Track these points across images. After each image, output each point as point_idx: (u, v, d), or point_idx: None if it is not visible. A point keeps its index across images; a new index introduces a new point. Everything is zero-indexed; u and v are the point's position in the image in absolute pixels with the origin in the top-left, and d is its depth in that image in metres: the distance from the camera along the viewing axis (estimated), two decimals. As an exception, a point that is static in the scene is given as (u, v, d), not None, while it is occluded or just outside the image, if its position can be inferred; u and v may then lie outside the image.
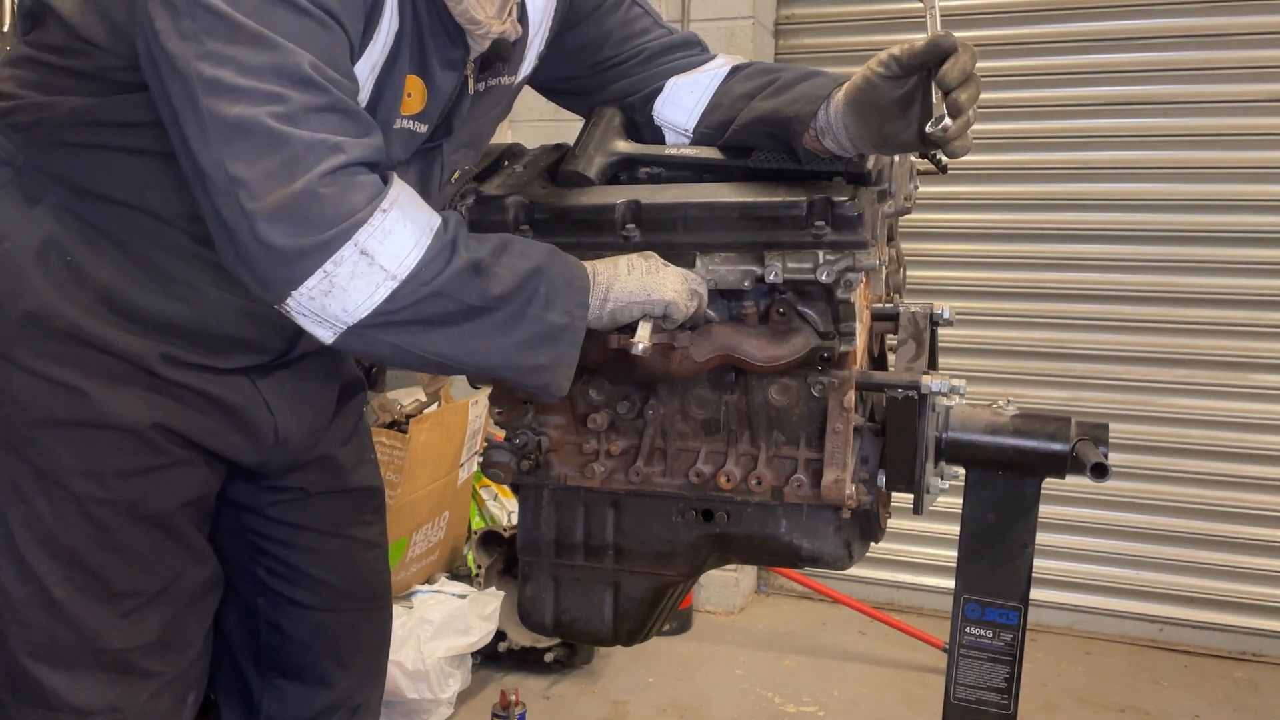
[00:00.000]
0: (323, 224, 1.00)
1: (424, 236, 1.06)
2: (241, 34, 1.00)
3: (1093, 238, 3.21)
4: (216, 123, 1.00)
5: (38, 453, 1.23)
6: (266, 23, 1.00)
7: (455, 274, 1.08)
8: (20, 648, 1.27)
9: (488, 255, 1.11)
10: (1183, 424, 3.19)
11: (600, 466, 1.39)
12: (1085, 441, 1.26)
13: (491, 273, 1.10)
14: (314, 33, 1.03)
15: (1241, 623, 3.20)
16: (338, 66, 1.06)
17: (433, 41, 1.20)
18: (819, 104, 1.23)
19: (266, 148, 0.99)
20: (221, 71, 0.99)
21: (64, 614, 1.25)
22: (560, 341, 1.15)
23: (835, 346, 1.27)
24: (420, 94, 1.22)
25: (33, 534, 1.24)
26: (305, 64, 1.01)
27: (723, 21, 3.22)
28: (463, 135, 1.31)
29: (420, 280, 1.05)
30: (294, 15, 1.02)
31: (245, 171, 0.99)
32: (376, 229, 1.02)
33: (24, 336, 1.21)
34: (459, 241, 1.09)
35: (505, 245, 1.14)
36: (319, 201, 1.00)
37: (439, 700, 2.56)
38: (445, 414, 2.99)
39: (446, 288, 1.07)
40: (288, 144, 0.99)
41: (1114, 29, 3.12)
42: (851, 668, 3.10)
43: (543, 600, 1.49)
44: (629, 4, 1.45)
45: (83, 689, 1.27)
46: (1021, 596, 1.31)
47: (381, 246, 1.03)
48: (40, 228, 1.21)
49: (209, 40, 1.00)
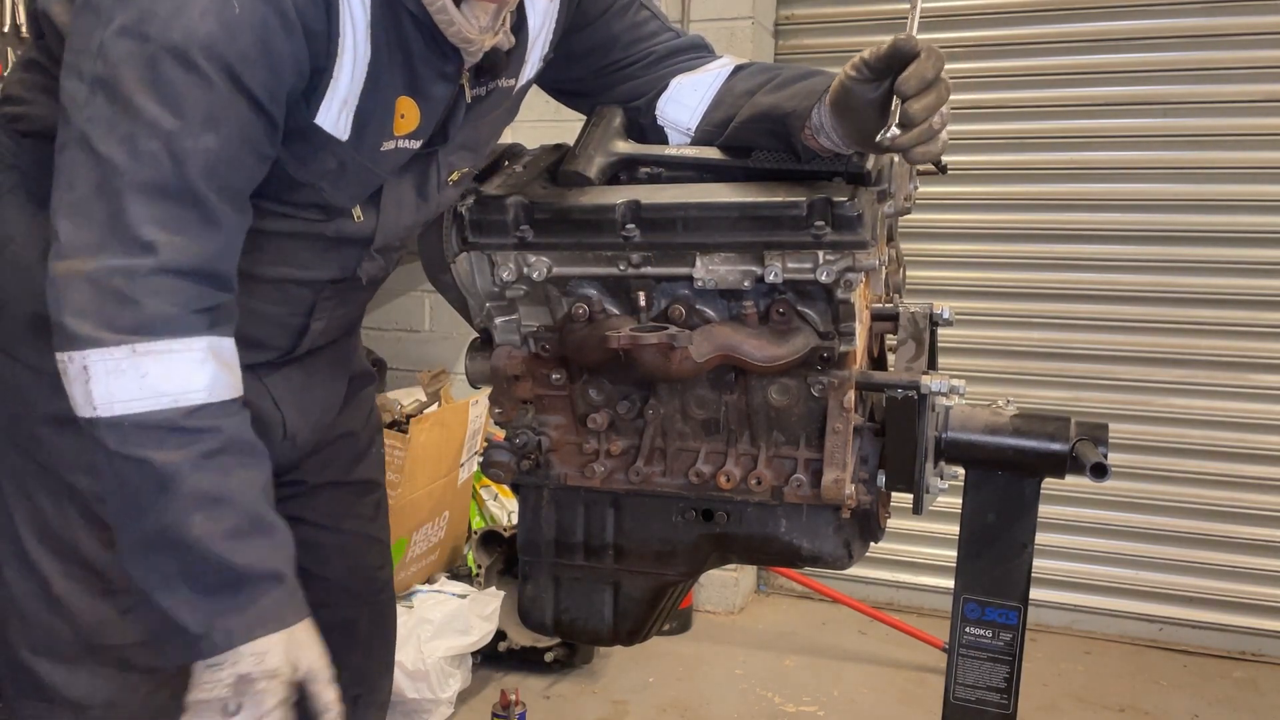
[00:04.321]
0: (89, 319, 1.01)
1: (164, 396, 1.02)
2: (123, 101, 0.99)
3: (1092, 238, 3.21)
4: (69, 175, 1.01)
5: (41, 449, 1.25)
6: (154, 94, 0.99)
7: (154, 465, 1.02)
8: (20, 642, 1.28)
9: (207, 488, 1.04)
10: (1183, 424, 3.19)
11: (600, 466, 1.39)
12: (1085, 441, 1.26)
13: (184, 506, 1.03)
14: (207, 105, 1.01)
15: (1241, 623, 3.20)
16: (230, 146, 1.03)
17: (422, 62, 1.18)
18: (815, 100, 1.23)
19: (99, 215, 1.00)
20: (91, 127, 1.00)
21: (64, 609, 1.27)
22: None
23: (835, 346, 1.27)
24: (413, 113, 1.21)
25: (35, 529, 1.26)
26: (177, 151, 0.99)
27: (723, 22, 3.22)
28: (459, 139, 1.31)
29: (128, 431, 1.03)
30: (199, 90, 1.00)
31: (73, 230, 1.02)
32: (106, 359, 1.01)
33: (31, 337, 1.22)
34: (198, 440, 1.04)
35: (226, 511, 1.05)
36: (114, 303, 1.00)
37: (439, 700, 2.56)
38: (445, 414, 2.99)
39: (139, 468, 1.03)
40: (122, 221, 1.00)
41: (1114, 29, 3.12)
42: (851, 668, 3.10)
43: (543, 600, 1.49)
44: (637, 7, 1.44)
45: (81, 684, 1.29)
46: (1021, 596, 1.31)
47: (100, 382, 1.01)
48: (43, 230, 1.21)
49: (99, 92, 1.00)
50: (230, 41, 1.00)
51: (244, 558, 1.05)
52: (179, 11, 0.98)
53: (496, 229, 1.31)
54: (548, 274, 1.31)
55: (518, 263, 1.31)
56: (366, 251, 1.32)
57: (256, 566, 1.06)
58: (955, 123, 1.08)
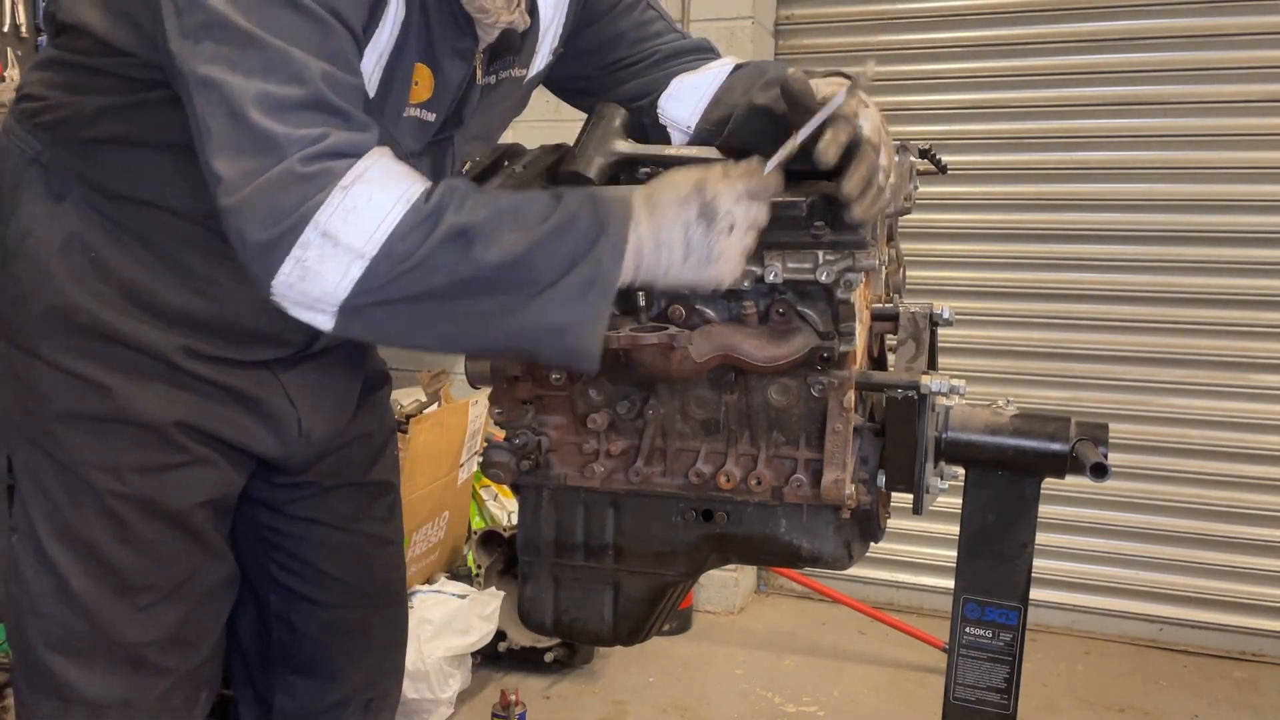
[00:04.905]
0: (285, 212, 0.97)
1: (397, 207, 0.98)
2: (233, 33, 1.00)
3: (1092, 238, 3.21)
4: (205, 119, 1.00)
5: (58, 446, 1.26)
6: (259, 21, 1.00)
7: (438, 245, 0.99)
8: (37, 638, 1.29)
9: (484, 220, 1.00)
10: (1183, 424, 3.19)
11: (600, 466, 1.39)
12: (1085, 441, 1.25)
13: (488, 239, 0.99)
14: (309, 30, 1.03)
15: (1241, 623, 3.20)
16: (336, 61, 1.04)
17: (440, 30, 1.20)
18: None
19: (247, 145, 0.98)
20: (212, 69, 0.99)
21: (81, 606, 1.28)
22: (583, 300, 1.02)
23: (835, 346, 1.27)
24: (427, 81, 1.22)
25: (53, 526, 1.27)
26: (295, 61, 0.99)
27: (723, 22, 3.22)
28: (474, 127, 1.32)
29: (396, 256, 0.98)
30: (290, 13, 1.02)
31: (226, 169, 0.98)
32: (337, 208, 0.97)
33: (48, 331, 1.23)
34: (445, 209, 1.00)
35: (517, 207, 1.03)
36: (284, 190, 0.97)
37: (439, 700, 2.56)
38: (445, 414, 2.99)
39: (430, 260, 0.98)
40: (268, 140, 0.97)
41: (1113, 29, 3.12)
42: (851, 668, 3.10)
43: (543, 600, 1.49)
44: (643, 6, 1.46)
45: (96, 681, 1.29)
46: (1021, 596, 1.31)
47: (345, 225, 0.97)
48: (64, 224, 1.23)
49: (205, 38, 1.00)
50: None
51: (564, 218, 1.02)
52: None
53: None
54: (548, 274, 1.30)
55: (518, 262, 1.31)
56: None
57: (580, 215, 1.03)
58: (955, 123, 1.08)
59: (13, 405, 1.29)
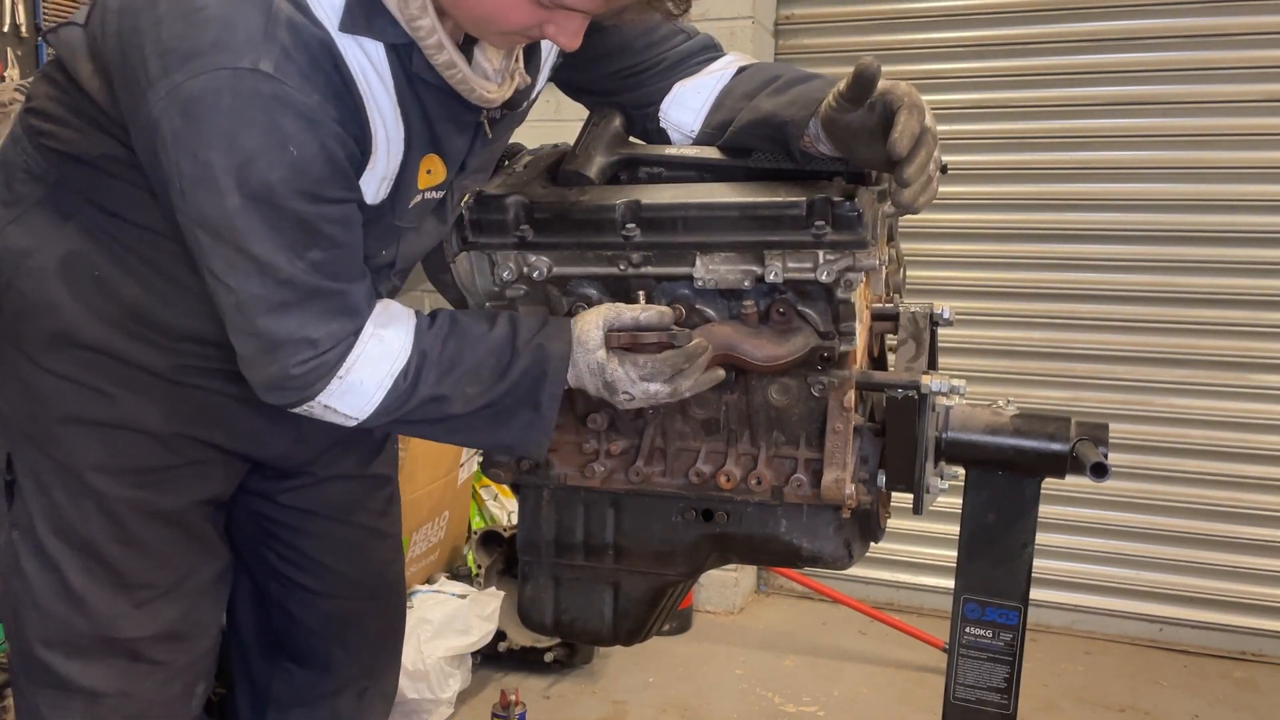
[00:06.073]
0: (291, 395, 1.19)
1: (384, 382, 1.21)
2: (225, 239, 1.09)
3: (1093, 238, 3.21)
4: (215, 289, 1.14)
5: (59, 448, 1.28)
6: (244, 230, 1.08)
7: (415, 407, 1.23)
8: (35, 635, 1.32)
9: (450, 386, 1.23)
10: (1183, 424, 3.19)
11: (600, 466, 1.39)
12: (1085, 441, 1.26)
13: (453, 400, 1.23)
14: (293, 229, 1.10)
15: (1241, 623, 3.20)
16: (327, 247, 1.14)
17: (442, 122, 1.22)
18: (812, 110, 1.23)
19: (251, 339, 1.15)
20: (213, 263, 1.11)
21: (80, 603, 1.31)
22: (527, 431, 1.28)
23: (835, 346, 1.27)
24: (439, 168, 1.25)
25: (53, 525, 1.30)
26: (282, 270, 1.10)
27: (723, 21, 3.22)
28: (474, 165, 1.32)
29: (384, 414, 1.23)
30: (273, 218, 1.09)
31: (237, 345, 1.17)
32: (334, 392, 1.19)
33: (51, 346, 1.26)
34: (420, 381, 1.22)
35: (478, 366, 1.24)
36: (287, 385, 1.18)
37: (439, 700, 2.56)
38: (445, 414, 2.98)
39: (410, 415, 1.24)
40: (269, 339, 1.14)
41: (1113, 29, 3.12)
42: (851, 668, 3.10)
43: (543, 600, 1.49)
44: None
45: (94, 674, 1.32)
46: (1021, 596, 1.31)
47: (341, 401, 1.20)
48: (67, 243, 1.25)
49: (202, 231, 1.10)
50: (302, 176, 1.07)
51: (514, 376, 1.25)
52: (248, 165, 1.05)
53: (497, 228, 1.31)
54: (548, 274, 1.31)
55: (518, 262, 1.32)
56: (388, 274, 1.34)
57: (527, 372, 1.25)
58: (955, 123, 1.08)
59: (15, 406, 1.30)
